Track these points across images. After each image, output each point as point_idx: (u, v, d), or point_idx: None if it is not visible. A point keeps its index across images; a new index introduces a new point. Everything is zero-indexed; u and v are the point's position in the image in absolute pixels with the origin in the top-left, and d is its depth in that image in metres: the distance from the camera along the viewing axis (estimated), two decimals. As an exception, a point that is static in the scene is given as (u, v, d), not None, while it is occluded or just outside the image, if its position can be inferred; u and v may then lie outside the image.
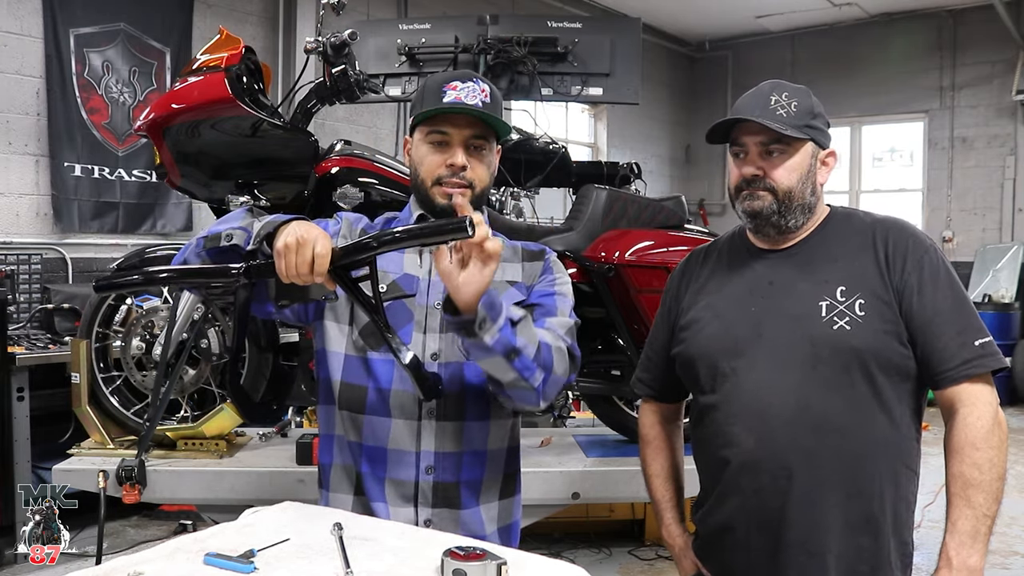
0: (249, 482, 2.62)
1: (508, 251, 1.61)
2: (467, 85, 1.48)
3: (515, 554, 1.20)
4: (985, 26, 8.17)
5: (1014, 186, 8.36)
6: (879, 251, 1.47)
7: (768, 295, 1.52)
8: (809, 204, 1.52)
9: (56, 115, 4.65)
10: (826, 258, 1.51)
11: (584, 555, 3.67)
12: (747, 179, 1.51)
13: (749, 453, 1.47)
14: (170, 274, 1.46)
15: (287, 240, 1.29)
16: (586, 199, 2.91)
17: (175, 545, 1.25)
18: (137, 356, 2.79)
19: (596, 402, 3.09)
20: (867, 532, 1.44)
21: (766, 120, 1.46)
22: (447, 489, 1.50)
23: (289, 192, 2.68)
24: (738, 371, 1.50)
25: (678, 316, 1.65)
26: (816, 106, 1.53)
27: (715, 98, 9.93)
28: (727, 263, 1.62)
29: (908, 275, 1.45)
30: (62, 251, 4.71)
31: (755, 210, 1.51)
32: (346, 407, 1.52)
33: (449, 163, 1.49)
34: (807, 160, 1.50)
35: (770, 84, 1.54)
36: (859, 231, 1.52)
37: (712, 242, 1.73)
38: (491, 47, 3.65)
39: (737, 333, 1.52)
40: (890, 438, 1.45)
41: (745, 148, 1.52)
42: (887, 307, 1.44)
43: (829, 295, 1.46)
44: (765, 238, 1.56)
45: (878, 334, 1.43)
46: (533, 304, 1.53)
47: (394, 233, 1.29)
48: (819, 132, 1.52)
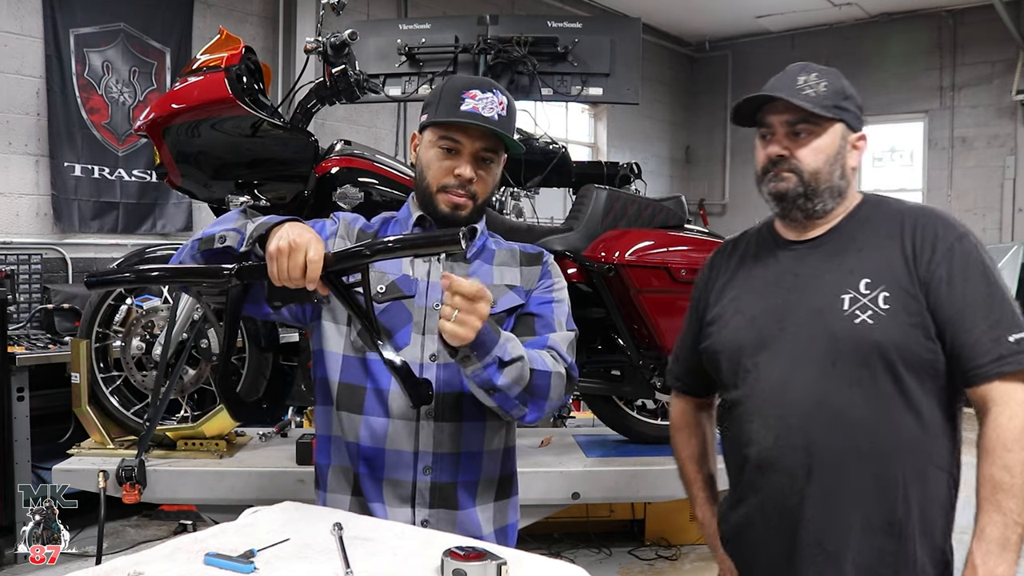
0: (249, 482, 2.62)
1: (506, 254, 1.61)
2: (486, 96, 1.48)
3: (515, 554, 1.20)
4: (985, 26, 8.17)
5: (1014, 186, 8.35)
6: (906, 240, 1.40)
7: (793, 288, 1.47)
8: (838, 187, 1.46)
9: (56, 115, 4.64)
10: (853, 248, 1.44)
11: (584, 555, 3.67)
12: (772, 160, 1.46)
13: (768, 451, 1.43)
14: (161, 273, 1.46)
15: (279, 244, 1.28)
16: (586, 199, 2.91)
17: (175, 545, 1.25)
18: (137, 356, 2.79)
19: (596, 402, 3.09)
20: (889, 535, 1.38)
21: (793, 98, 1.41)
22: (444, 490, 1.50)
23: (289, 192, 2.68)
24: (760, 367, 1.46)
25: (705, 310, 1.61)
26: (847, 88, 1.47)
27: (715, 98, 9.93)
28: (754, 255, 1.57)
29: (936, 265, 1.37)
30: (62, 251, 4.71)
31: (780, 191, 1.46)
32: (344, 408, 1.52)
33: (457, 173, 1.49)
34: (836, 141, 1.44)
35: (799, 65, 1.48)
36: (888, 219, 1.45)
37: (741, 234, 1.67)
38: (491, 47, 3.65)
39: (760, 327, 1.48)
40: (916, 437, 1.38)
41: (772, 128, 1.46)
42: (913, 300, 1.36)
43: (852, 287, 1.40)
44: (793, 225, 1.51)
45: (902, 328, 1.36)
46: (533, 313, 1.54)
47: (388, 242, 1.29)
48: (849, 114, 1.46)
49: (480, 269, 1.56)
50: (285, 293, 1.34)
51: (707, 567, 3.58)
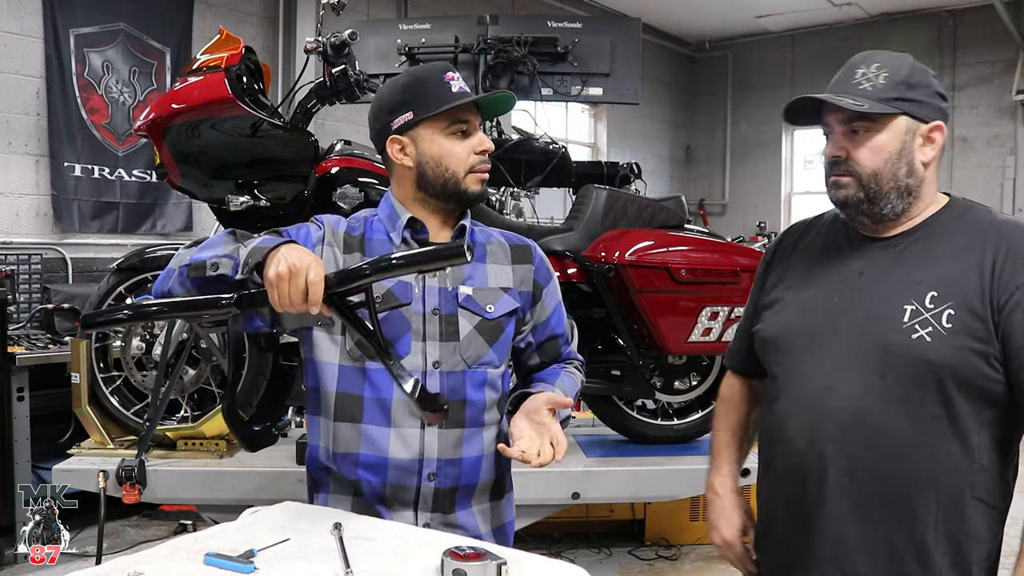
0: (249, 482, 2.62)
1: (496, 248, 1.61)
2: (457, 75, 1.52)
3: (515, 554, 1.20)
4: (985, 26, 8.17)
5: (1014, 186, 8.35)
6: (987, 256, 1.28)
7: (855, 287, 1.37)
8: (907, 187, 1.34)
9: (56, 115, 4.64)
10: (926, 256, 1.33)
11: (584, 555, 3.67)
12: (830, 162, 1.37)
13: (799, 455, 1.36)
14: (160, 308, 1.39)
15: (279, 269, 1.24)
16: (586, 199, 2.91)
17: (175, 545, 1.25)
18: (137, 356, 2.79)
19: (596, 402, 3.09)
20: (916, 562, 1.30)
21: (843, 98, 1.31)
22: (446, 494, 1.50)
23: (289, 192, 2.68)
24: (806, 364, 1.38)
25: (762, 292, 1.54)
26: (914, 75, 1.33)
27: (715, 98, 9.93)
28: (822, 244, 1.47)
29: (1018, 289, 1.25)
30: (62, 251, 4.71)
31: (840, 200, 1.36)
32: (342, 418, 1.49)
33: (482, 149, 1.52)
34: (899, 137, 1.32)
35: (862, 56, 1.37)
36: (971, 230, 1.33)
37: (815, 216, 1.55)
38: (491, 47, 3.65)
39: (813, 323, 1.39)
40: (958, 465, 1.29)
41: (830, 127, 1.37)
42: (980, 322, 1.26)
43: (917, 299, 1.29)
44: (864, 227, 1.41)
45: (962, 351, 1.26)
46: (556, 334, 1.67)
47: (391, 260, 1.26)
48: (915, 104, 1.32)
49: (476, 271, 1.56)
50: (289, 318, 1.31)
51: (707, 567, 3.59)
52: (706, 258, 2.82)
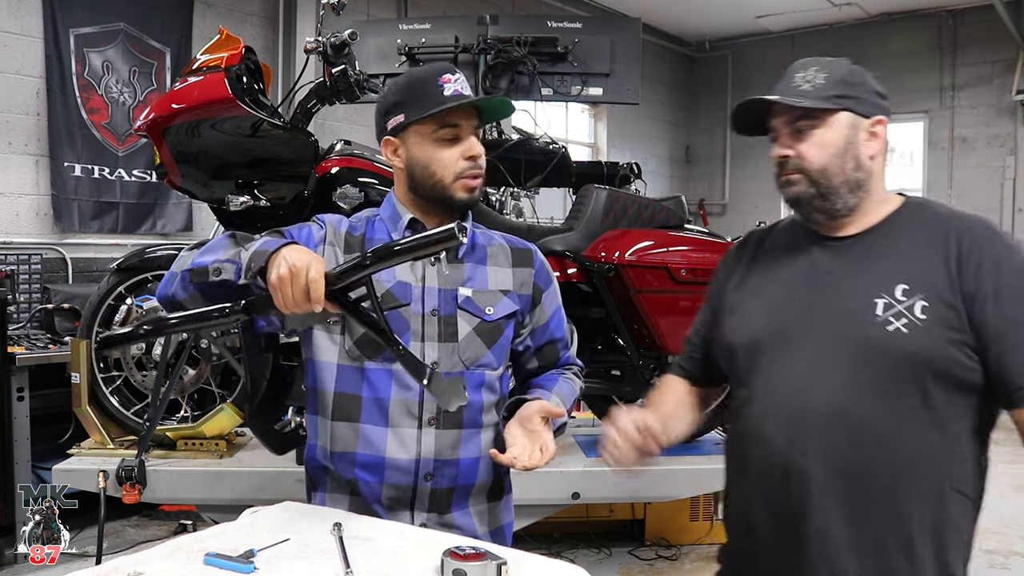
0: (249, 482, 2.62)
1: (497, 250, 1.60)
2: (457, 77, 1.48)
3: (515, 554, 1.21)
4: (985, 26, 8.17)
5: (1014, 186, 8.35)
6: (952, 249, 1.31)
7: (821, 286, 1.39)
8: (856, 180, 1.37)
9: (56, 115, 4.64)
10: (890, 252, 1.36)
11: (584, 555, 3.67)
12: (779, 162, 1.39)
13: (779, 454, 1.36)
14: (175, 322, 1.40)
15: (280, 272, 1.25)
16: (586, 199, 2.92)
17: (175, 545, 1.25)
18: (137, 356, 2.79)
19: (596, 402, 3.09)
20: (902, 555, 1.31)
21: (784, 97, 1.35)
22: (443, 494, 1.50)
23: (289, 192, 2.68)
24: (778, 365, 1.38)
25: (722, 298, 1.53)
26: (853, 75, 1.38)
27: (715, 98, 9.92)
28: (784, 247, 1.48)
29: (983, 279, 1.28)
30: (62, 251, 4.70)
31: (792, 198, 1.39)
32: (340, 417, 1.50)
33: (471, 154, 1.48)
34: (842, 132, 1.36)
35: (800, 62, 1.41)
36: (933, 225, 1.36)
37: (774, 223, 1.58)
38: (491, 47, 3.65)
39: (782, 324, 1.40)
40: (939, 456, 1.31)
41: (776, 131, 1.40)
42: (953, 312, 1.28)
43: (888, 292, 1.31)
44: (820, 225, 1.43)
45: (938, 341, 1.28)
46: (555, 338, 1.66)
47: (387, 250, 1.26)
48: (855, 100, 1.36)
49: (476, 272, 1.56)
50: (296, 319, 1.32)
51: (707, 567, 3.58)
52: (706, 258, 2.82)
